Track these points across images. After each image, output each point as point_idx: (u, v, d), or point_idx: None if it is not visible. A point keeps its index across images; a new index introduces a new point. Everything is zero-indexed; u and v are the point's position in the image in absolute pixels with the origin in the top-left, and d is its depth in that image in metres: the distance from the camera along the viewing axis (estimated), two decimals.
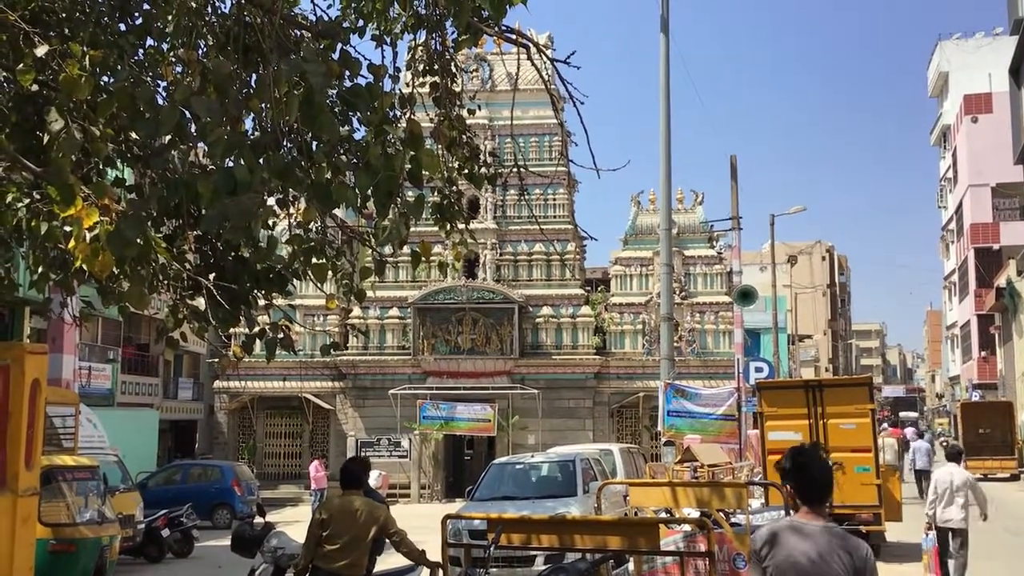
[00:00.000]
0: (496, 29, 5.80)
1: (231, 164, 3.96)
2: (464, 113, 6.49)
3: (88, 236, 3.87)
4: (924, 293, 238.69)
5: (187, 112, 4.15)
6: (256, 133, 4.36)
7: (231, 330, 6.75)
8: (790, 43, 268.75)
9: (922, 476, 25.95)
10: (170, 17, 5.28)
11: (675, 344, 23.94)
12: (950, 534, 11.86)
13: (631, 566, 9.46)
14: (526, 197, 8.96)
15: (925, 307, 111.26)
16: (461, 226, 6.56)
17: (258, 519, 9.06)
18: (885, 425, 33.94)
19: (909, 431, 41.30)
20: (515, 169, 6.65)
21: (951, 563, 11.87)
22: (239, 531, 8.82)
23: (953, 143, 54.20)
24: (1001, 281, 42.60)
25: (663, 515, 9.54)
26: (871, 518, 14.95)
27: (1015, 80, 35.93)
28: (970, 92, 50.57)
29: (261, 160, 3.98)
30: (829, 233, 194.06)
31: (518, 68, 6.80)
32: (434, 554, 7.52)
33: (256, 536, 8.51)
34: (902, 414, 75.07)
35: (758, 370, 22.05)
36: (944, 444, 25.22)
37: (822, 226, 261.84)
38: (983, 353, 49.76)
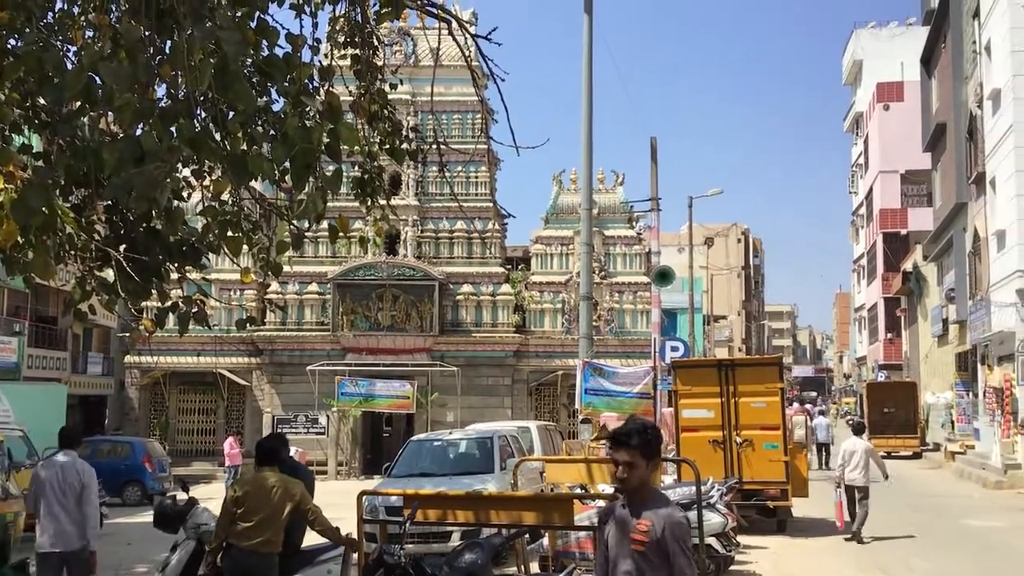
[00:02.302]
0: (418, 2, 5.75)
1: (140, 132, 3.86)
2: (386, 87, 6.42)
3: None
4: (834, 276, 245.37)
5: (97, 78, 4.02)
6: (168, 102, 4.25)
7: (143, 304, 6.59)
8: (714, 29, 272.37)
9: (822, 448, 30.14)
10: None
11: (594, 323, 24.15)
12: (855, 491, 14.97)
13: (546, 541, 9.59)
14: (447, 174, 8.92)
15: (835, 290, 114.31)
16: (382, 202, 6.51)
17: (181, 495, 8.92)
18: (795, 404, 34.91)
19: (809, 408, 42.83)
20: (436, 145, 6.62)
21: (857, 513, 14.85)
22: (162, 507, 8.66)
23: (865, 130, 55.49)
24: (908, 265, 43.99)
25: (578, 491, 9.67)
26: (778, 494, 15.36)
27: (926, 69, 36.97)
28: (883, 80, 51.74)
29: (172, 129, 3.88)
30: (745, 216, 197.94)
31: (439, 43, 6.75)
32: (350, 530, 7.50)
33: (179, 512, 8.39)
34: (803, 394, 77.57)
35: (674, 349, 22.37)
36: (849, 421, 27.12)
37: (739, 209, 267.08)
38: (889, 335, 51.39)
